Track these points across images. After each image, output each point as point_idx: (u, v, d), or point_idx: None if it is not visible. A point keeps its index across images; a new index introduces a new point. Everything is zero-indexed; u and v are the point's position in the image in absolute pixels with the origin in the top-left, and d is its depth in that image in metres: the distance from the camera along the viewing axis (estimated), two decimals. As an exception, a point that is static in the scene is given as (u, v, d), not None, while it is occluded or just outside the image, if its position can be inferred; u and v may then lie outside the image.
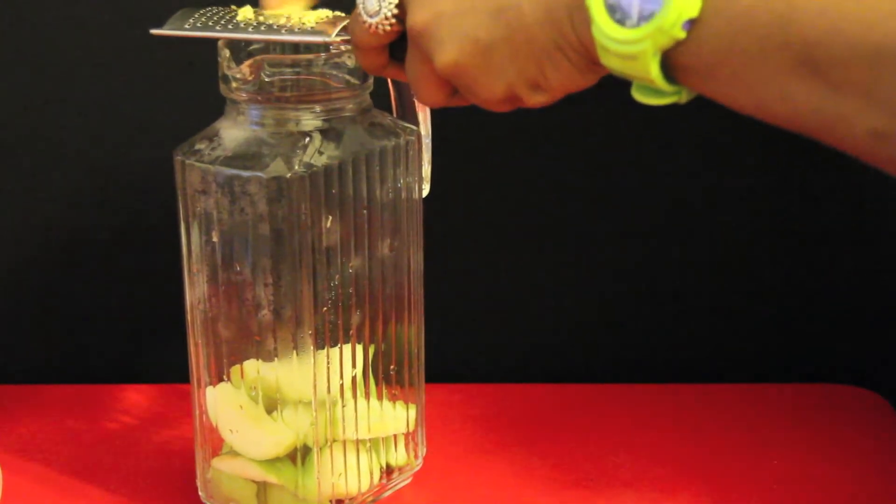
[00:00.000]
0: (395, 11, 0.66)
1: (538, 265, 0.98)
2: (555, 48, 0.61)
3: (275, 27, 0.71)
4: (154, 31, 0.73)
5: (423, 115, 0.79)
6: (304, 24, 0.71)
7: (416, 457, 0.83)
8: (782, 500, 0.83)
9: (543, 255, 0.98)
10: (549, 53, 0.61)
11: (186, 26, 0.72)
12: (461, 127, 0.91)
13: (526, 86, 0.63)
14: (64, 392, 0.95)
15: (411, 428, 0.82)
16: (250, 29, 0.71)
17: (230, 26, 0.72)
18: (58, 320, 0.98)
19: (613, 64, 0.58)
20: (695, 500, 0.83)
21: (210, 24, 0.72)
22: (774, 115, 0.55)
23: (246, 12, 0.73)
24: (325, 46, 0.75)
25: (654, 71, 0.57)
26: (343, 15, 0.72)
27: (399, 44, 0.69)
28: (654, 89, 0.58)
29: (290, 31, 0.71)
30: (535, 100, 0.64)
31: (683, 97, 0.59)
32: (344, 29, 0.70)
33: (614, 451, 0.88)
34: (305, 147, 0.73)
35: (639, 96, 0.60)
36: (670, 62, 0.57)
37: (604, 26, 0.57)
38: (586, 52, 0.60)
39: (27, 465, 0.86)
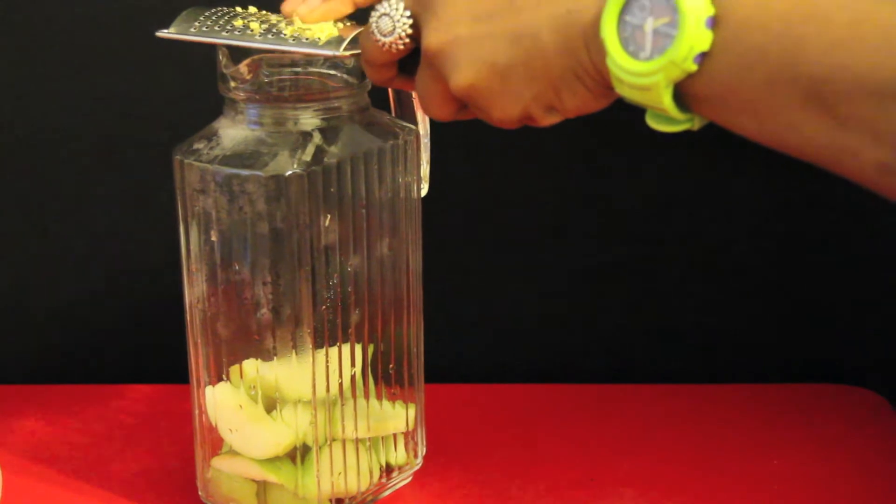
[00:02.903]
0: (410, 32, 0.67)
1: (538, 265, 0.98)
2: (572, 75, 0.62)
3: (282, 35, 0.71)
4: (160, 34, 0.73)
5: (422, 115, 0.79)
6: (311, 34, 0.71)
7: (415, 456, 0.83)
8: (782, 500, 0.83)
9: (543, 254, 0.98)
10: (566, 79, 0.62)
11: (192, 30, 0.72)
12: (460, 126, 0.91)
13: (541, 108, 0.65)
14: (64, 392, 0.95)
15: (411, 427, 0.82)
16: (258, 36, 0.71)
17: (237, 32, 0.72)
18: (58, 320, 0.98)
19: (627, 94, 0.60)
20: (695, 500, 0.83)
21: (216, 28, 0.72)
22: (784, 146, 0.57)
23: (250, 13, 0.73)
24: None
25: (667, 101, 0.58)
26: (351, 23, 0.72)
27: (409, 57, 0.69)
28: (667, 117, 0.59)
29: (299, 41, 0.71)
30: (549, 121, 0.66)
31: (696, 124, 0.60)
32: (352, 42, 0.70)
33: (614, 451, 0.88)
34: (304, 146, 0.73)
35: (653, 123, 0.61)
36: (683, 91, 0.58)
37: (618, 58, 0.58)
38: (602, 79, 0.61)
39: (27, 465, 0.86)
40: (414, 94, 0.79)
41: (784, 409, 0.93)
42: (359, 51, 0.71)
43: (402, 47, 0.68)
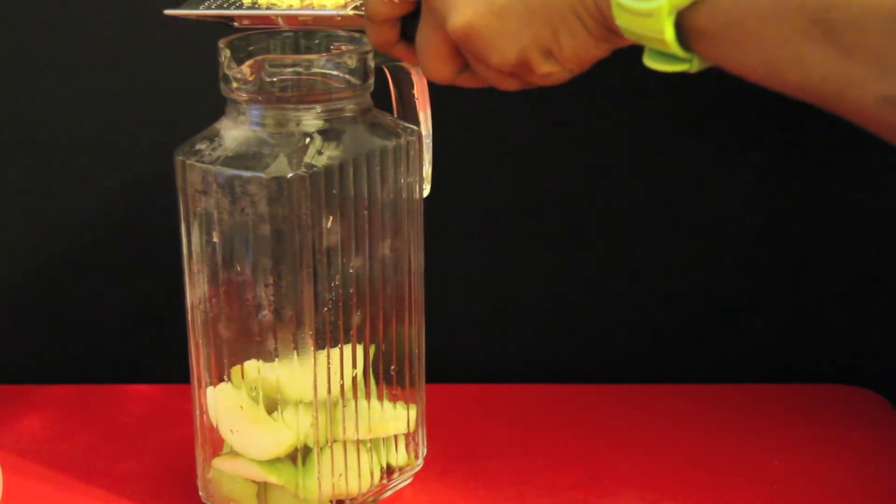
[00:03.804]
0: None
1: (539, 265, 0.98)
2: (571, 13, 0.61)
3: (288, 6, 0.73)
4: (167, 12, 0.73)
5: (424, 115, 0.80)
6: (318, 3, 0.73)
7: (416, 457, 0.83)
8: (782, 500, 0.83)
9: (544, 254, 0.98)
10: (565, 18, 0.62)
11: (201, 7, 0.73)
12: (462, 127, 0.91)
13: (539, 52, 0.64)
14: (64, 392, 0.95)
15: (412, 428, 0.82)
16: (265, 7, 0.72)
17: (244, 7, 0.73)
18: (58, 320, 0.98)
19: (628, 23, 0.58)
20: (695, 500, 0.83)
21: (224, 6, 0.74)
22: (785, 82, 0.55)
23: None
24: (326, 46, 0.76)
25: (668, 32, 0.57)
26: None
27: (409, 21, 0.69)
28: (666, 55, 0.59)
29: (305, 8, 0.72)
30: (546, 69, 0.65)
31: (695, 65, 0.59)
32: (358, 6, 0.72)
33: (614, 451, 0.88)
34: (306, 147, 0.73)
35: (650, 63, 0.60)
36: (684, 27, 0.57)
37: None
38: (602, 18, 0.61)
39: (27, 465, 0.86)
40: (415, 91, 0.79)
41: (784, 409, 0.94)
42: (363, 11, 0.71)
43: None
